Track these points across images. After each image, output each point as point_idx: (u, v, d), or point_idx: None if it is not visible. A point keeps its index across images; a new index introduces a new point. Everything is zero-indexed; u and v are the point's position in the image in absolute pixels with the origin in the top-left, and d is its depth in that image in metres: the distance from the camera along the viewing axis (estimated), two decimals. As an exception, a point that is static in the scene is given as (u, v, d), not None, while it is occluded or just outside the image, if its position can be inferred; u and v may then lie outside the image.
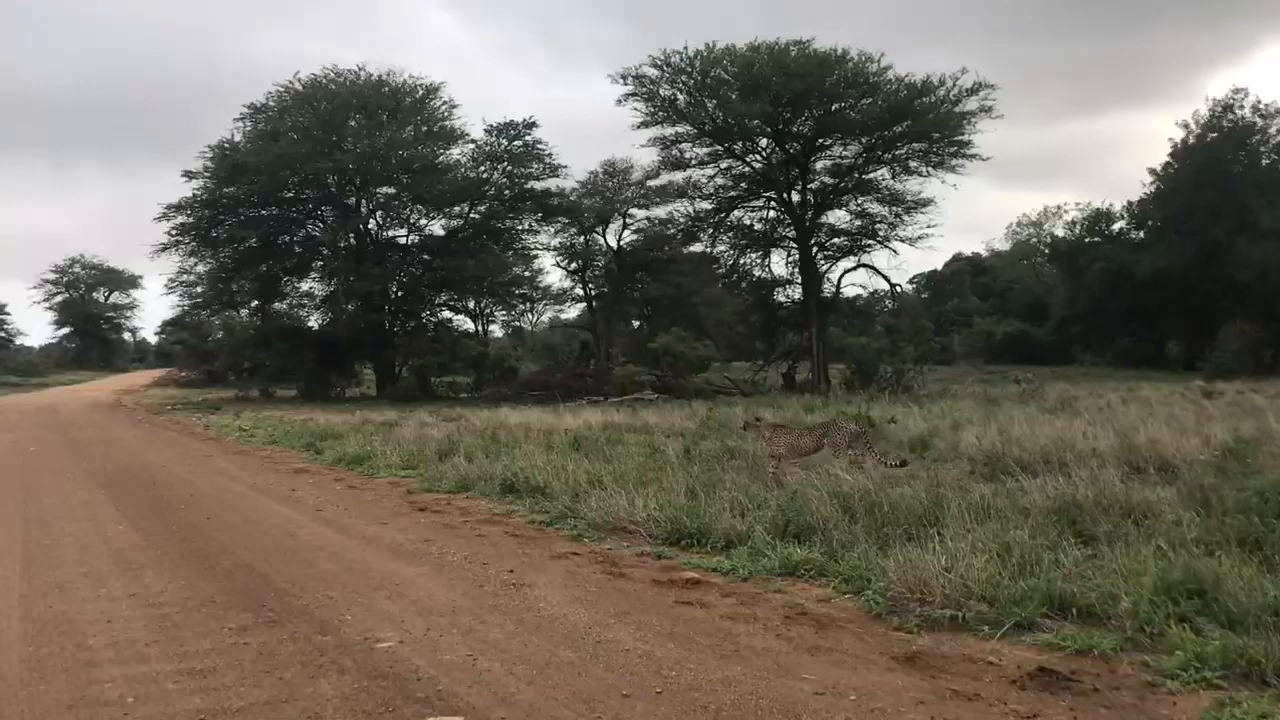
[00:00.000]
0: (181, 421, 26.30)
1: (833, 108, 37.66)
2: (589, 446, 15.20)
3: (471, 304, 49.06)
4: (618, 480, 10.70)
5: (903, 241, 40.03)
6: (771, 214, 41.73)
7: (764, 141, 39.70)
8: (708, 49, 36.73)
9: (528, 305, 63.14)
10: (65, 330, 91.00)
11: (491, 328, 58.67)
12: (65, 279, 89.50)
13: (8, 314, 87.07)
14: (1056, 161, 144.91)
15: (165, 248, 39.21)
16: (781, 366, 41.42)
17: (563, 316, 72.21)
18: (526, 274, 52.67)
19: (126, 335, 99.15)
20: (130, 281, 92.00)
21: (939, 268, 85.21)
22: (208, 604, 6.31)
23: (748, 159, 40.03)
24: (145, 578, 7.08)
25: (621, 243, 50.69)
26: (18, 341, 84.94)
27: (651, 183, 47.88)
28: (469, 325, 50.60)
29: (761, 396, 33.03)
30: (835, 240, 41.08)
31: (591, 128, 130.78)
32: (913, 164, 39.09)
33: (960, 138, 37.88)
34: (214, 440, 20.47)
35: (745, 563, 7.32)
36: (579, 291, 55.15)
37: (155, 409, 32.90)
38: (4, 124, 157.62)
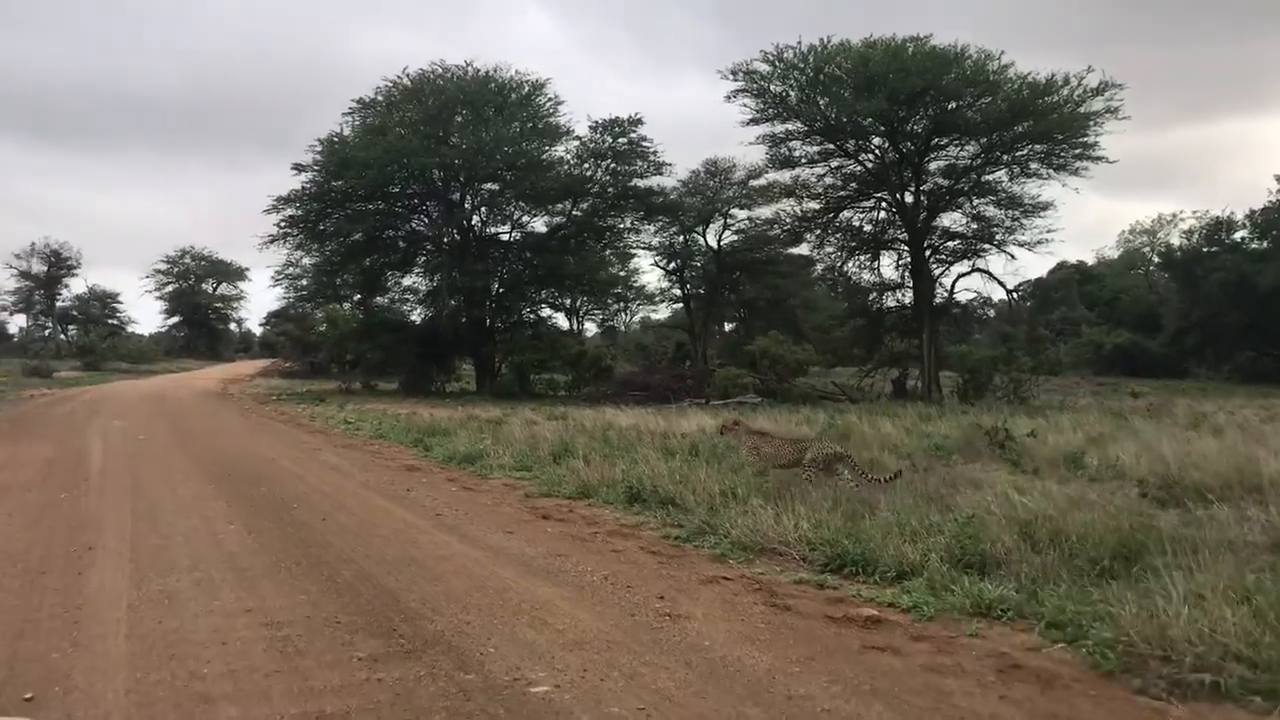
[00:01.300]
0: (287, 412, 26.20)
1: (949, 106, 36.18)
2: (709, 453, 14.41)
3: (568, 302, 48.72)
4: (753, 493, 9.90)
5: (1020, 246, 38.32)
6: (882, 215, 40.32)
7: (877, 140, 38.35)
8: (822, 44, 35.61)
9: (622, 305, 62.83)
10: (174, 319, 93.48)
11: (585, 326, 58.36)
12: (176, 269, 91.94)
13: (120, 302, 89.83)
14: (1163, 168, 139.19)
15: (273, 239, 39.65)
16: (890, 373, 39.98)
17: (654, 317, 71.78)
18: (622, 273, 52.18)
19: (232, 325, 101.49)
20: (237, 273, 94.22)
21: (1043, 275, 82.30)
22: (331, 625, 5.63)
23: (860, 158, 38.70)
24: (261, 589, 6.46)
25: (721, 243, 50.01)
26: (129, 329, 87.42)
27: (754, 182, 47.15)
28: (563, 323, 50.27)
29: (871, 404, 31.76)
30: (949, 243, 39.47)
31: (684, 127, 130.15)
32: (1033, 165, 37.35)
33: (1084, 139, 36.07)
34: (320, 433, 20.16)
35: (926, 598, 6.41)
36: (676, 292, 54.61)
37: (261, 399, 33.05)
38: (119, 121, 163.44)
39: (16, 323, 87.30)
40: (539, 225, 42.57)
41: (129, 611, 5.88)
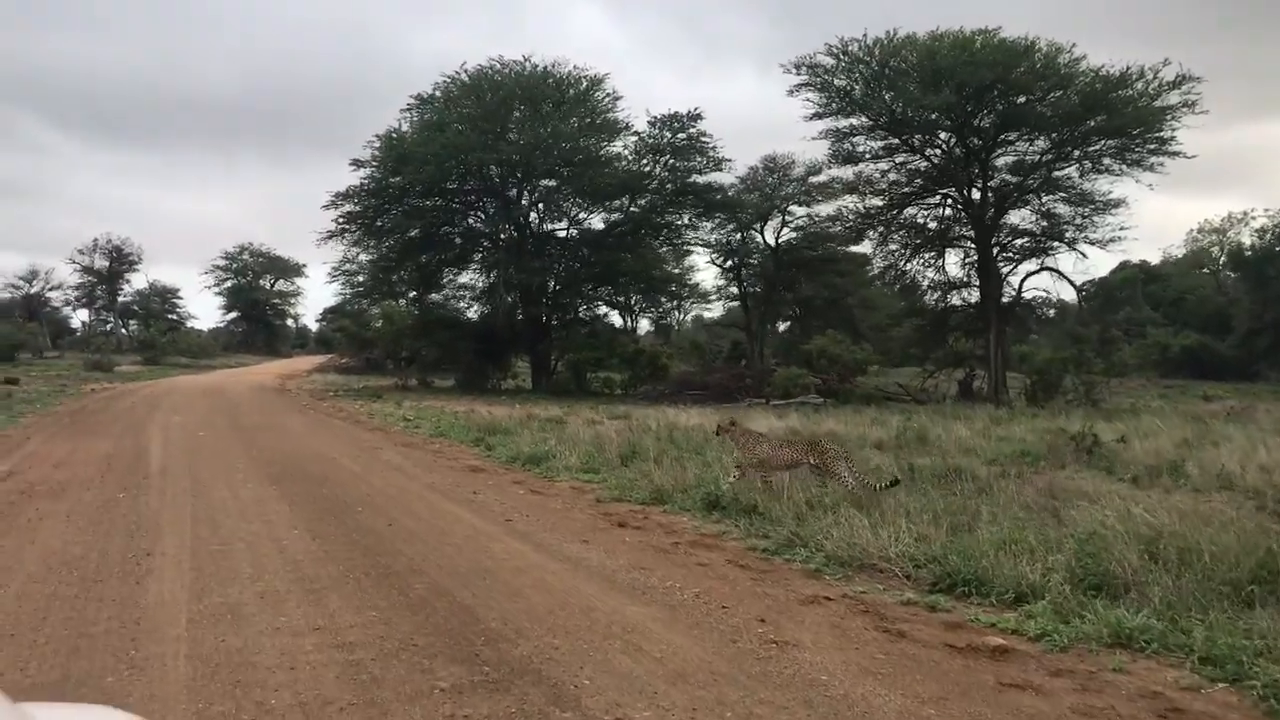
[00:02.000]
0: (345, 409, 25.98)
1: (1019, 100, 35.13)
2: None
3: (624, 299, 48.24)
4: (842, 501, 9.32)
5: (1092, 244, 37.13)
6: (947, 212, 39.31)
7: (943, 135, 37.38)
8: (888, 37, 34.76)
9: (675, 303, 62.29)
10: (233, 315, 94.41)
11: (639, 324, 57.91)
12: (234, 265, 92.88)
13: (180, 298, 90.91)
14: (1228, 166, 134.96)
15: (331, 235, 39.64)
16: (954, 373, 38.99)
17: (706, 315, 71.10)
18: (676, 270, 51.63)
19: (289, 321, 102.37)
20: (295, 269, 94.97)
21: (1105, 275, 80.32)
22: (408, 648, 5.14)
23: (926, 153, 37.74)
24: (329, 604, 5.99)
25: (779, 240, 49.28)
26: (189, 324, 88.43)
27: (814, 179, 46.35)
28: (617, 321, 49.81)
29: (937, 405, 30.88)
30: (1018, 241, 38.35)
31: (737, 125, 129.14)
32: (1106, 161, 36.15)
33: (1160, 134, 34.82)
34: (380, 430, 19.83)
35: (1054, 625, 5.78)
36: (733, 290, 53.96)
37: (318, 394, 32.94)
38: (178, 120, 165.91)
39: (79, 317, 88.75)
40: (596, 222, 42.18)
41: (189, 627, 5.43)
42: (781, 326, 59.25)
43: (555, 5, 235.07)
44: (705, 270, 76.36)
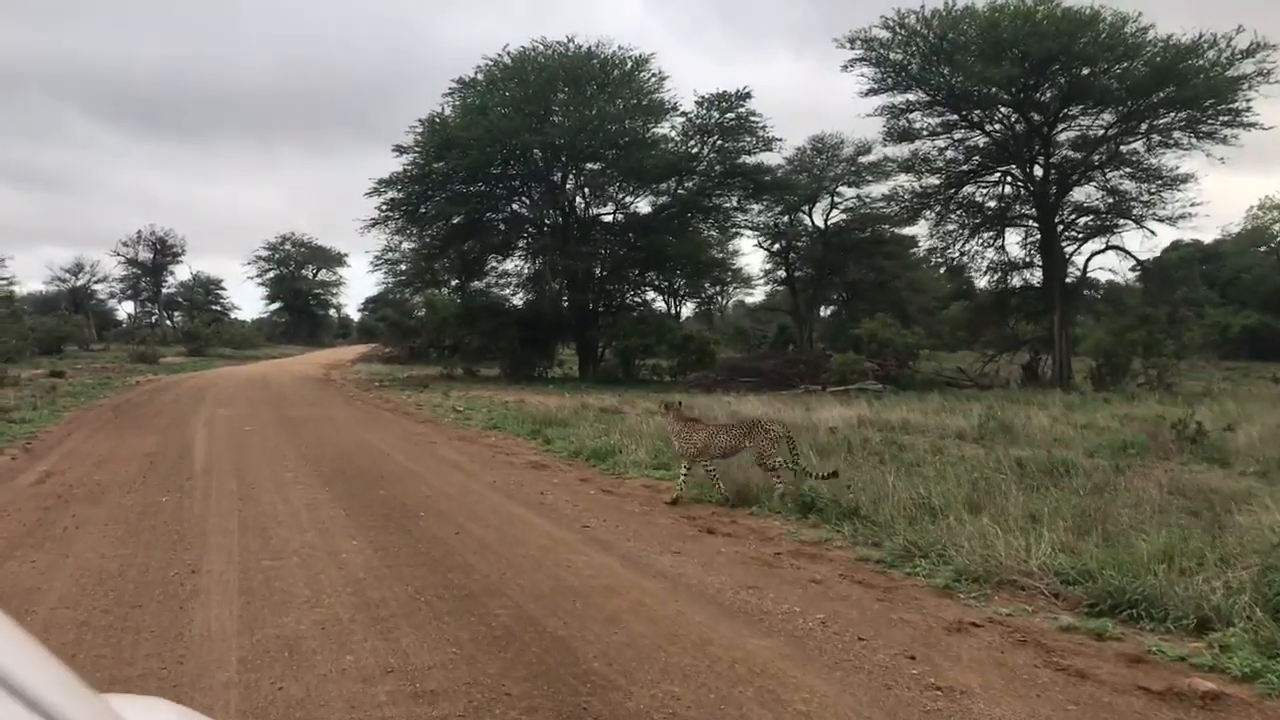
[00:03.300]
0: (392, 399, 25.28)
1: (1083, 72, 33.70)
2: (876, 451, 12.87)
3: (671, 284, 47.32)
4: (951, 502, 8.38)
5: (1161, 221, 35.66)
6: (1007, 190, 37.94)
7: (1003, 110, 36.00)
8: (946, 8, 33.46)
9: (719, 288, 61.27)
10: (276, 305, 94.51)
11: (683, 310, 56.92)
12: (277, 256, 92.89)
13: (224, 289, 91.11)
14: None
15: (375, 223, 39.02)
16: (1016, 357, 37.70)
17: (748, 300, 69.94)
18: (720, 255, 50.58)
19: (331, 311, 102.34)
20: (337, 259, 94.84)
21: (1158, 254, 78.04)
22: (500, 698, 4.26)
23: (986, 128, 36.37)
24: (400, 637, 5.14)
25: (829, 222, 48.20)
26: (233, 315, 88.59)
27: (863, 158, 45.21)
28: (662, 306, 48.87)
29: (1002, 391, 29.68)
30: (1082, 219, 36.89)
31: (775, 107, 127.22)
32: (1175, 135, 34.61)
33: (1233, 105, 33.25)
34: (431, 423, 19.06)
35: (1261, 661, 4.83)
36: (780, 273, 52.89)
37: (364, 385, 32.34)
38: (218, 111, 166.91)
39: (124, 309, 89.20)
40: (642, 206, 41.27)
41: (241, 670, 4.60)
42: (825, 311, 57.99)
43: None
44: (750, 254, 75.40)
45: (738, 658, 4.82)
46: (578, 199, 40.42)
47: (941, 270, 51.86)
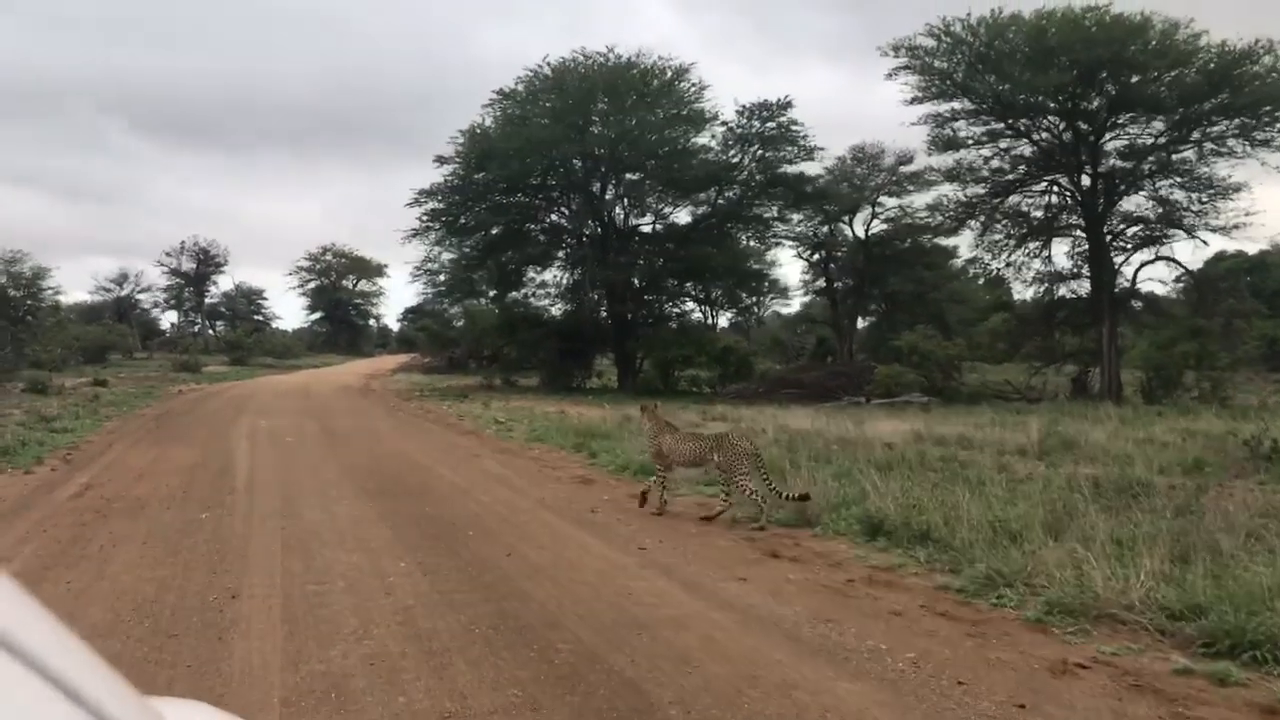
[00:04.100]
0: (433, 410, 25.02)
1: (1132, 80, 32.92)
2: (919, 465, 12.38)
3: (711, 294, 46.89)
4: (1028, 525, 7.89)
5: (1214, 231, 34.70)
6: (1054, 199, 37.14)
7: (1050, 118, 35.25)
8: (992, 15, 32.85)
9: (755, 299, 60.75)
10: (316, 315, 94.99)
11: (720, 321, 56.46)
12: (317, 266, 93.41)
13: (265, 299, 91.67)
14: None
15: (415, 233, 38.91)
16: (1063, 369, 36.88)
17: (783, 311, 69.23)
18: (756, 266, 50.05)
19: (371, 321, 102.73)
20: (376, 270, 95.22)
21: (1201, 265, 76.45)
22: (571, 751, 3.87)
23: (1032, 137, 35.63)
24: (456, 675, 4.74)
25: (869, 232, 47.63)
26: (274, 325, 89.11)
27: (905, 168, 44.64)
28: (699, 317, 48.43)
29: (1052, 404, 28.95)
30: (1131, 229, 35.99)
31: (809, 117, 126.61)
32: (1229, 142, 33.70)
33: (1293, 112, 32.33)
34: (473, 434, 18.75)
35: None
36: (819, 284, 52.30)
37: (404, 395, 32.16)
38: (259, 125, 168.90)
39: (168, 319, 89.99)
40: (681, 216, 40.93)
41: (284, 712, 4.22)
42: (862, 322, 57.27)
43: (624, 2, 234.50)
44: (788, 265, 74.92)
45: (828, 705, 4.38)
46: (617, 209, 40.11)
47: (980, 281, 51.08)
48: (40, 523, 8.70)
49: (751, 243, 43.70)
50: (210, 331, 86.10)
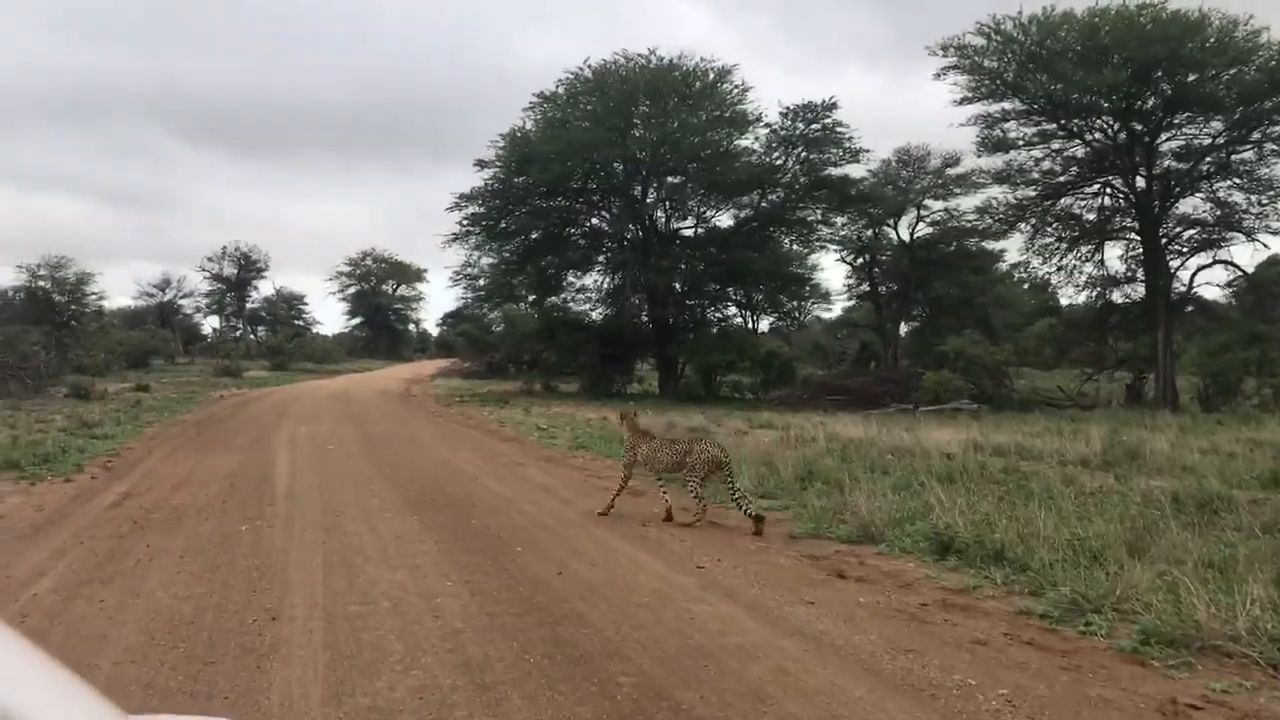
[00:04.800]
0: (473, 416, 24.75)
1: (1189, 79, 32.05)
2: (980, 476, 11.87)
3: (754, 298, 46.37)
4: (1109, 544, 7.41)
5: (1275, 234, 33.74)
6: (1107, 201, 36.26)
7: (1103, 118, 34.41)
8: (1044, 13, 32.14)
9: (796, 303, 60.18)
10: (356, 320, 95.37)
11: (760, 325, 55.84)
12: (358, 271, 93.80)
13: (306, 304, 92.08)
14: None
15: (456, 238, 38.77)
16: (1116, 376, 36.00)
17: (824, 316, 68.47)
18: (798, 270, 49.47)
19: (410, 326, 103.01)
20: (416, 275, 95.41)
21: (1250, 270, 74.66)
22: (643, 807, 3.47)
23: (1085, 138, 34.79)
24: (512, 712, 4.34)
25: (914, 236, 46.98)
26: (314, 329, 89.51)
27: (951, 170, 43.97)
28: (739, 322, 47.89)
29: (1105, 411, 28.21)
30: (1188, 232, 35.03)
31: (847, 120, 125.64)
32: (1293, 142, 32.70)
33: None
34: (515, 441, 18.43)
35: None
36: (863, 288, 51.64)
37: (444, 400, 31.97)
38: (299, 131, 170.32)
39: (210, 324, 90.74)
40: (723, 220, 40.48)
41: (327, 755, 3.87)
42: (905, 327, 56.49)
43: (661, 6, 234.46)
44: (830, 269, 74.32)
45: (924, 754, 3.95)
46: (658, 213, 39.74)
47: (1025, 286, 50.16)
48: (77, 534, 8.46)
49: (794, 246, 43.14)
50: (251, 336, 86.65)
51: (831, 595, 6.68)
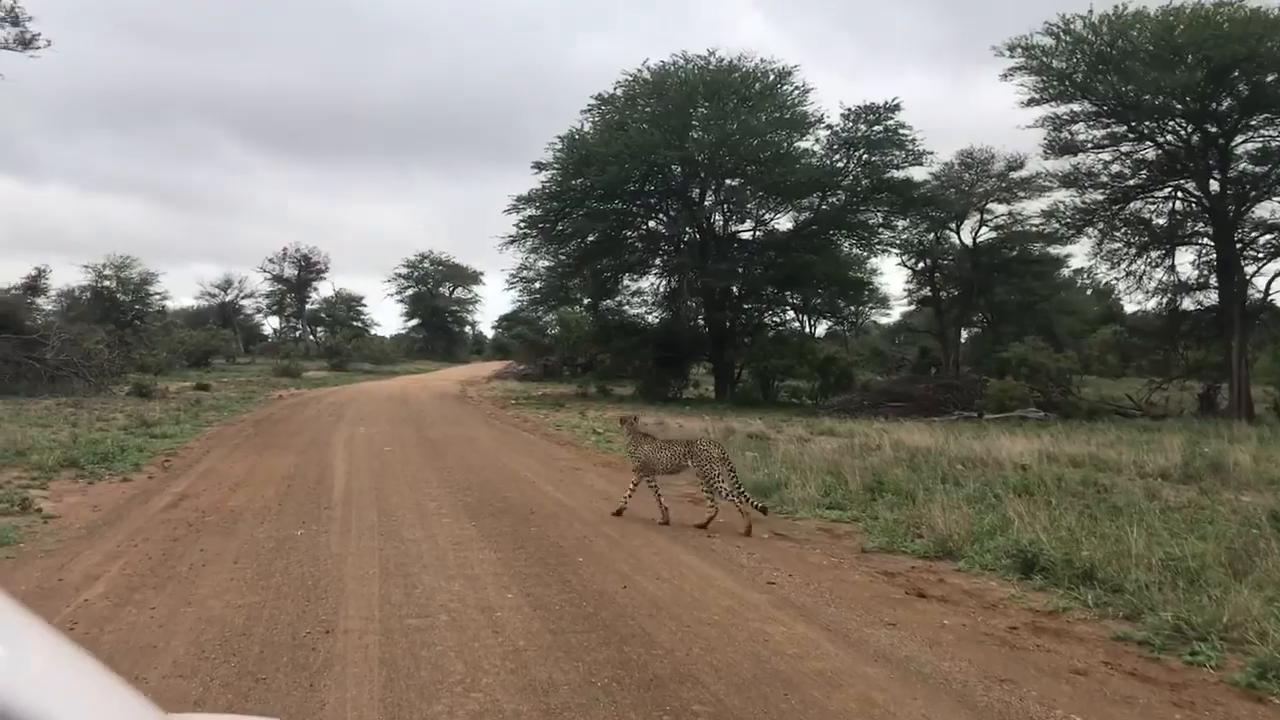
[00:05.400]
0: (530, 419, 24.56)
1: (1267, 79, 30.96)
2: (1055, 488, 11.36)
3: (814, 302, 45.76)
4: (1208, 564, 6.94)
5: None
6: (1179, 206, 35.19)
7: (1176, 120, 33.36)
8: (1115, 13, 31.25)
9: (855, 308, 59.51)
10: (413, 321, 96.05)
11: (816, 330, 55.22)
12: (415, 273, 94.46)
13: (364, 305, 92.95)
14: None
15: (513, 240, 38.70)
16: (1187, 385, 34.89)
17: (881, 321, 67.58)
18: (858, 275, 48.80)
19: (466, 328, 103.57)
20: (473, 277, 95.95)
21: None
22: None
23: (1157, 140, 33.77)
24: (581, 742, 4.06)
25: (977, 240, 46.15)
26: (372, 331, 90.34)
27: (1015, 174, 43.12)
28: (797, 326, 47.30)
29: (1175, 421, 27.30)
30: (1265, 238, 33.85)
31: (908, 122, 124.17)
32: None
33: None
34: (571, 445, 18.17)
35: None
36: (924, 293, 50.87)
37: (500, 402, 31.86)
38: (359, 134, 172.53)
39: (270, 324, 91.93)
40: (783, 222, 39.94)
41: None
42: (964, 333, 55.52)
43: (719, 8, 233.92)
44: (889, 273, 73.50)
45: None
46: (716, 215, 39.34)
47: (1088, 292, 48.98)
48: (132, 536, 8.31)
49: (854, 250, 42.48)
50: (310, 337, 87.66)
51: (913, 616, 6.29)
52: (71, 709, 0.63)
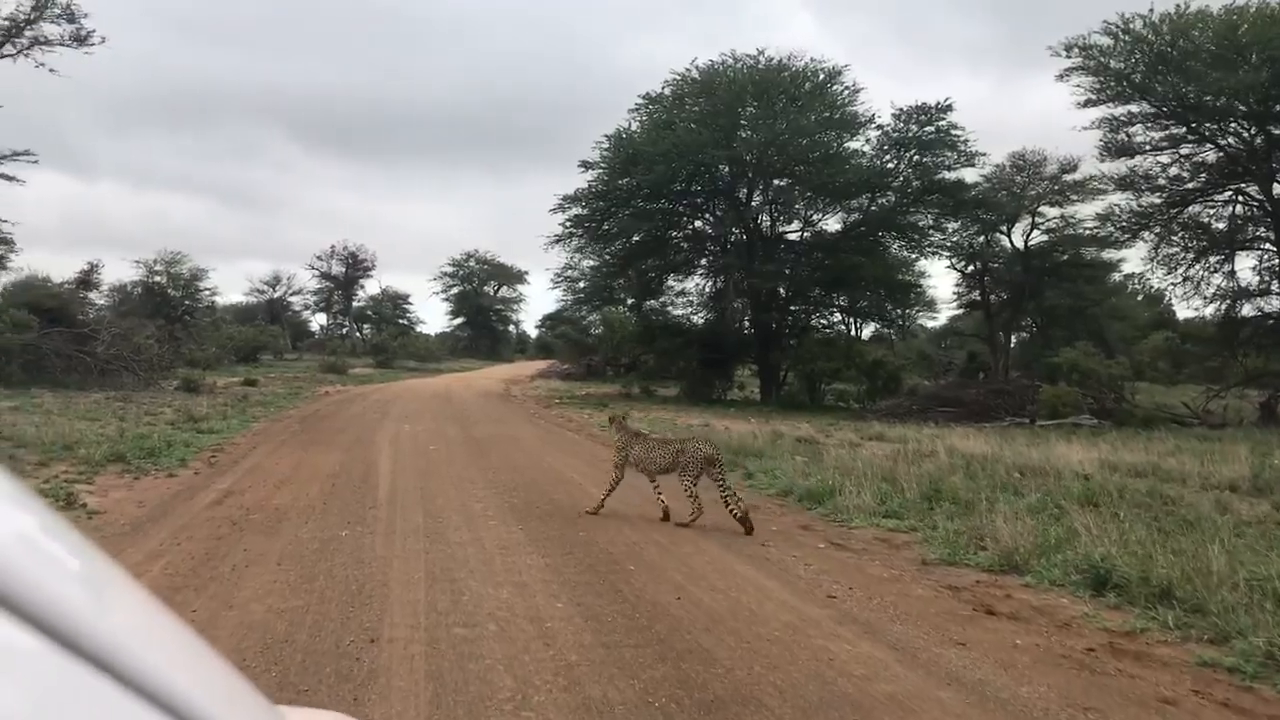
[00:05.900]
0: (573, 418, 24.38)
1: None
2: (1119, 499, 10.95)
3: (863, 305, 45.18)
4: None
5: None
6: (1239, 209, 34.28)
7: (1238, 122, 32.50)
8: (1177, 12, 30.50)
9: (902, 310, 58.73)
10: (459, 320, 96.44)
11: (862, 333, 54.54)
12: (460, 272, 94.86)
13: (410, 303, 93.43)
14: None
15: (558, 239, 38.60)
16: (1248, 393, 33.98)
17: (928, 324, 66.65)
18: (906, 277, 48.10)
19: (510, 327, 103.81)
20: (517, 276, 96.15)
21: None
22: None
23: (1218, 142, 32.91)
24: (641, 771, 3.81)
25: (1029, 244, 45.35)
26: (418, 329, 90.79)
27: (1068, 176, 42.31)
28: (843, 328, 46.69)
29: (1236, 430, 26.52)
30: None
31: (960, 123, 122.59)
32: None
33: None
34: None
35: None
36: (974, 296, 50.05)
37: (544, 402, 31.73)
38: (406, 134, 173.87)
39: (317, 321, 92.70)
40: (831, 224, 39.46)
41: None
42: (1013, 338, 54.58)
43: (768, 9, 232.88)
44: (938, 276, 72.56)
45: None
46: (763, 216, 38.98)
47: (1139, 298, 47.97)
48: (176, 534, 8.19)
49: (903, 252, 41.89)
50: (357, 334, 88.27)
51: (984, 635, 5.97)
52: (202, 691, 0.63)
